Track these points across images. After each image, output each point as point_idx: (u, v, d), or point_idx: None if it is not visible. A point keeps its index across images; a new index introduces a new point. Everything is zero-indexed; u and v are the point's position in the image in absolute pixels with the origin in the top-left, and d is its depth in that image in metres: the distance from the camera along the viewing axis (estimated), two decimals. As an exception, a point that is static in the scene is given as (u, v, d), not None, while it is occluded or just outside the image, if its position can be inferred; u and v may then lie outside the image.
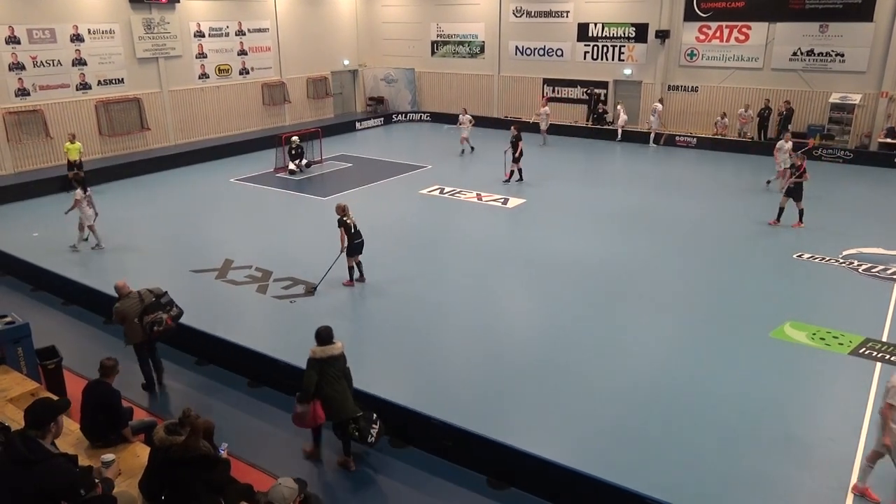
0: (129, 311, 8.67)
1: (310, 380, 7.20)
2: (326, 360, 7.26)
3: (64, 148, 19.26)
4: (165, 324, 8.80)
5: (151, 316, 8.70)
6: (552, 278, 12.90)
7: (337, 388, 7.30)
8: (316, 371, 7.22)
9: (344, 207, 12.10)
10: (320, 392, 7.26)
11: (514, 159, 19.71)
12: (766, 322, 10.90)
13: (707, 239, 15.11)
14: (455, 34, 31.34)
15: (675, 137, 25.42)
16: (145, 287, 8.99)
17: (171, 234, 15.83)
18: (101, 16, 22.62)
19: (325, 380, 7.25)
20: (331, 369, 7.28)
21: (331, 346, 7.31)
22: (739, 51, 24.81)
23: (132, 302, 8.72)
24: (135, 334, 8.76)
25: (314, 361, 7.25)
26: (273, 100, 28.96)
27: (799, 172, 15.37)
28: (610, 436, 8.07)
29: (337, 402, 7.28)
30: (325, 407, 7.31)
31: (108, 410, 6.61)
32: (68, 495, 4.72)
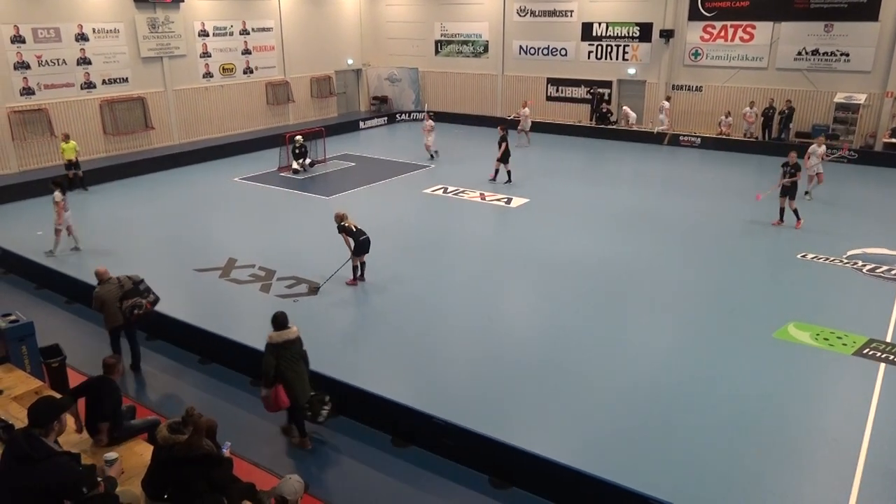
0: (108, 297, 9.05)
1: (269, 364, 7.49)
2: (283, 344, 7.56)
3: (60, 148, 19.29)
4: (145, 308, 9.26)
5: (131, 301, 9.12)
6: (555, 278, 12.90)
7: (296, 370, 7.65)
8: (274, 355, 7.52)
9: (342, 215, 12.18)
10: (281, 375, 7.56)
11: (498, 159, 19.62)
12: (770, 322, 10.88)
13: (710, 239, 15.09)
14: (459, 33, 31.33)
15: (679, 137, 25.37)
16: (125, 274, 9.42)
17: (175, 233, 15.86)
18: (106, 15, 22.68)
19: (283, 363, 7.55)
20: (288, 353, 7.60)
21: (287, 331, 7.63)
22: (744, 50, 24.76)
23: (111, 287, 9.12)
24: (114, 318, 9.11)
25: (272, 346, 7.56)
26: (277, 99, 28.99)
27: (793, 171, 15.37)
28: (611, 435, 8.07)
29: (297, 385, 7.64)
30: (286, 389, 7.59)
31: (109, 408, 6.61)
32: (71, 493, 4.74)
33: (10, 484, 4.69)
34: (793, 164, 15.50)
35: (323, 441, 8.09)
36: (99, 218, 17.23)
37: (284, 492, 4.92)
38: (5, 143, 20.71)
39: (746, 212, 16.77)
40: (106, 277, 9.26)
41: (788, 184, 15.47)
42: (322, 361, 9.14)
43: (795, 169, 15.45)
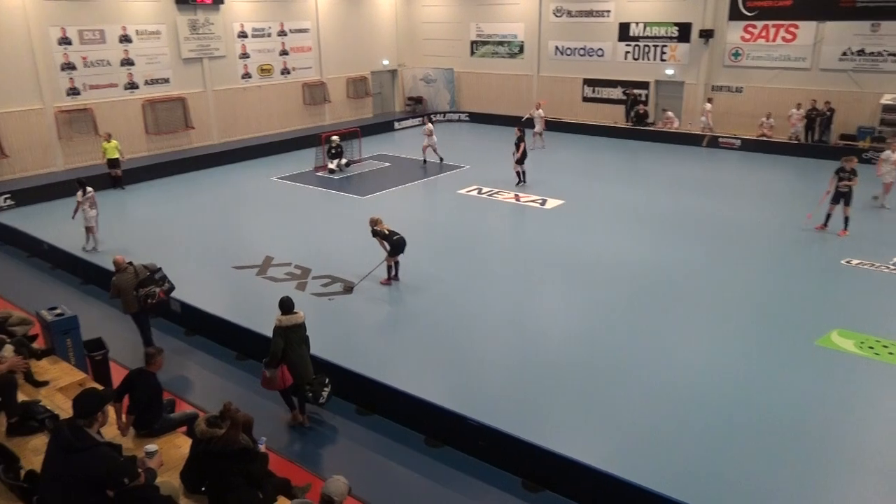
0: (124, 285, 9.56)
1: (277, 346, 7.93)
2: (291, 327, 8.01)
3: (101, 147, 19.73)
4: (158, 296, 9.67)
5: (145, 289, 9.56)
6: (590, 281, 12.78)
7: (300, 353, 8.11)
8: (282, 338, 7.94)
9: (374, 220, 12.30)
10: (286, 357, 8.02)
11: (517, 160, 19.42)
12: (812, 329, 10.62)
13: (750, 243, 14.79)
14: (494, 34, 31.27)
15: (718, 139, 24.92)
16: (141, 263, 9.90)
17: (214, 230, 16.14)
18: (149, 17, 23.19)
19: (289, 346, 7.99)
20: (294, 336, 8.05)
21: (294, 315, 8.10)
22: (786, 50, 24.21)
23: (128, 276, 9.60)
24: (130, 305, 9.66)
25: (280, 329, 7.97)
26: (313, 99, 29.30)
27: (849, 177, 14.86)
28: (648, 441, 7.97)
29: (300, 367, 8.09)
30: (290, 370, 8.08)
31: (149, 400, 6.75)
32: (112, 483, 4.85)
33: (56, 472, 4.83)
34: (850, 170, 14.92)
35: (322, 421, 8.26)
36: (141, 215, 17.64)
37: (331, 492, 4.96)
38: (52, 141, 21.32)
39: (788, 215, 16.40)
40: (123, 266, 9.71)
41: (845, 189, 14.87)
42: (356, 360, 9.25)
43: (853, 174, 14.88)
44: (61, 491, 4.74)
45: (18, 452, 5.79)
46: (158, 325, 11.09)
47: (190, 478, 5.88)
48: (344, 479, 5.13)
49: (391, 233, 12.25)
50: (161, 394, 6.92)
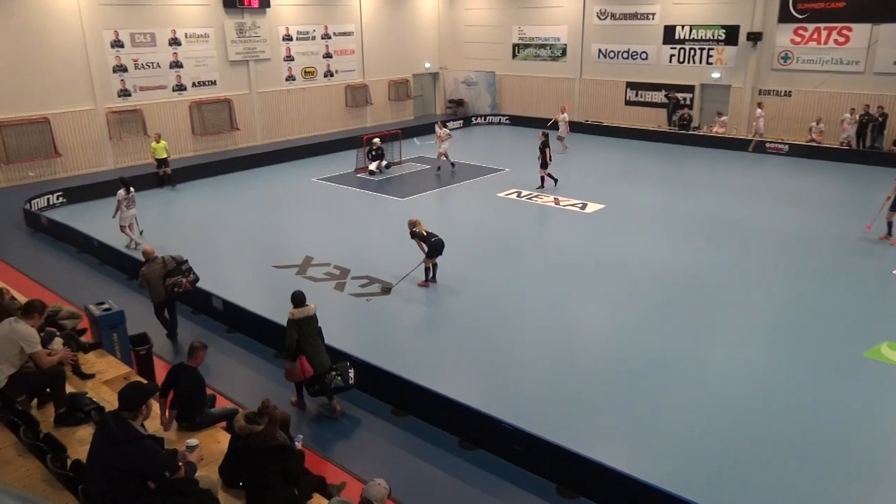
0: (153, 275, 10.08)
1: (291, 339, 8.20)
2: (303, 320, 8.26)
3: (150, 147, 20.22)
4: (184, 286, 10.27)
5: (173, 279, 10.13)
6: (631, 286, 12.61)
7: (314, 344, 8.32)
8: (296, 330, 8.19)
9: (413, 222, 12.36)
10: (301, 349, 8.24)
11: (542, 165, 19.25)
12: (861, 341, 10.28)
13: (798, 251, 14.40)
14: (537, 37, 31.13)
15: (765, 144, 24.33)
16: (169, 254, 10.44)
17: (256, 230, 16.42)
18: (198, 20, 23.75)
19: (303, 338, 8.23)
20: (307, 328, 8.28)
21: (305, 308, 8.33)
22: (838, 54, 23.52)
23: (157, 266, 10.13)
24: (158, 294, 10.19)
25: (293, 322, 8.22)
26: (356, 101, 29.60)
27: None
28: (688, 452, 7.81)
29: (315, 357, 8.29)
30: (308, 361, 8.27)
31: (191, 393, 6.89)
32: (154, 475, 4.96)
33: (100, 463, 4.96)
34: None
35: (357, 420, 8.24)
36: (186, 214, 18.05)
37: (372, 496, 5.00)
38: (103, 141, 22.00)
39: (837, 224, 15.92)
40: (152, 257, 10.22)
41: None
42: (392, 360, 9.29)
43: None
44: (105, 481, 4.87)
45: (65, 442, 5.96)
46: (201, 322, 11.35)
47: (228, 473, 5.98)
48: (384, 484, 5.15)
49: (429, 234, 12.28)
50: (203, 388, 7.05)
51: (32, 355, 6.64)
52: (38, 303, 6.94)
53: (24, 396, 6.86)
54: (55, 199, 18.57)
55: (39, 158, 20.63)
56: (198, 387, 6.95)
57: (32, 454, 5.87)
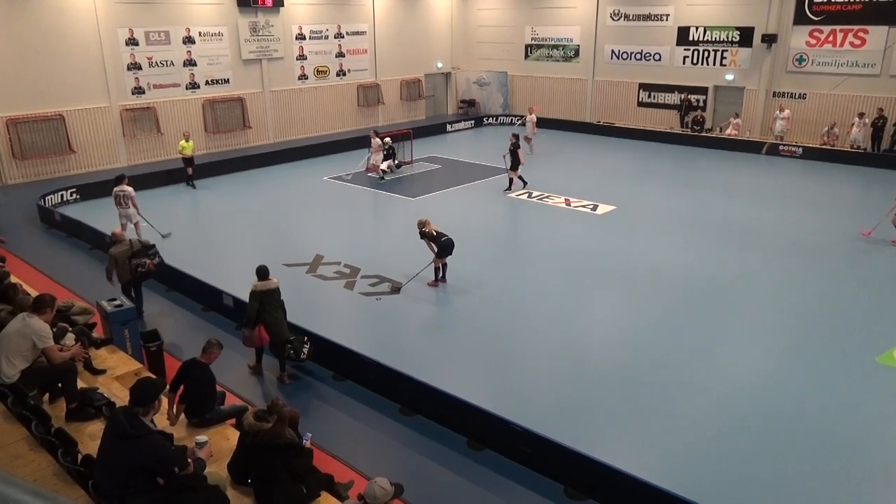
0: (120, 256, 10.73)
1: (252, 308, 8.92)
2: (265, 292, 8.94)
3: (179, 146, 20.29)
4: (148, 267, 10.88)
5: (137, 260, 10.75)
6: (642, 288, 12.56)
7: (274, 316, 9.01)
8: (257, 301, 8.90)
9: (423, 222, 12.37)
10: (261, 319, 8.95)
11: (512, 167, 19.13)
12: (874, 346, 10.19)
13: (810, 254, 14.29)
14: (550, 37, 31.07)
15: (778, 147, 24.16)
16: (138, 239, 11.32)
17: (267, 227, 16.49)
18: (212, 19, 23.87)
19: (264, 309, 8.92)
20: (269, 300, 8.96)
21: (268, 282, 9.01)
22: (854, 56, 23.32)
23: (124, 248, 10.80)
24: (124, 274, 10.79)
25: (255, 294, 8.93)
26: (367, 101, 29.65)
27: None
28: (696, 455, 7.77)
29: (274, 327, 8.98)
30: (267, 331, 8.99)
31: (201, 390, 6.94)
32: (163, 471, 4.99)
33: (110, 458, 4.99)
34: None
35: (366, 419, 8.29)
36: (197, 211, 18.15)
37: (366, 495, 5.02)
38: (117, 138, 22.16)
39: (850, 227, 15.78)
40: (121, 239, 10.95)
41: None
42: (401, 359, 9.29)
43: None
44: (114, 476, 4.91)
45: (76, 437, 6.00)
46: (211, 319, 11.40)
47: (237, 469, 6.01)
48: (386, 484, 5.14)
49: (439, 234, 12.28)
50: (213, 384, 7.09)
51: (45, 350, 6.70)
52: (49, 297, 7.00)
53: (36, 391, 6.92)
54: (69, 196, 18.73)
55: (54, 155, 20.81)
56: (208, 383, 6.98)
57: (44, 448, 5.91)
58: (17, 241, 14.95)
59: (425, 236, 12.29)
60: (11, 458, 5.83)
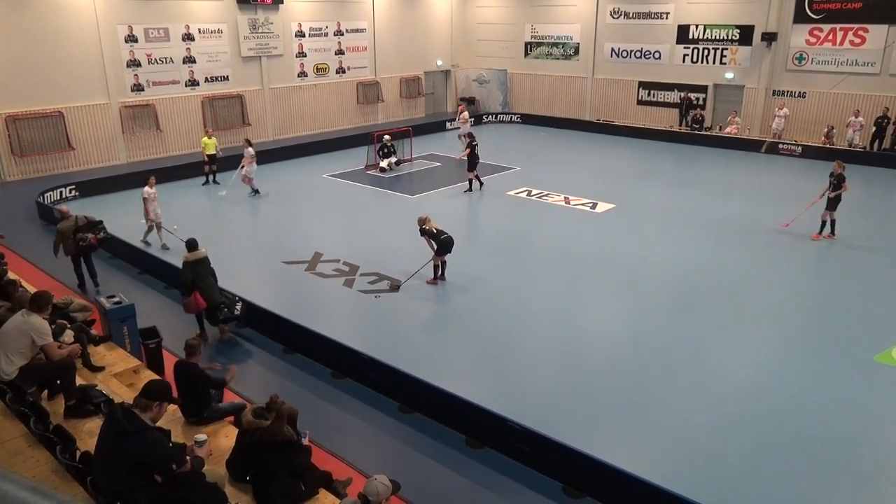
0: (66, 230, 11.80)
1: (186, 277, 9.97)
2: (196, 262, 9.99)
3: (201, 143, 20.17)
4: (89, 241, 11.92)
5: (81, 235, 11.83)
6: (640, 287, 12.56)
7: (207, 282, 10.05)
8: (190, 271, 9.92)
9: (423, 219, 12.36)
10: (195, 286, 9.91)
11: (469, 168, 19.04)
12: (872, 344, 10.20)
13: (807, 253, 14.31)
14: (549, 35, 31.04)
15: (778, 145, 24.15)
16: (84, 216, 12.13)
17: (266, 225, 16.49)
18: (211, 16, 23.84)
19: (197, 276, 9.95)
20: (200, 269, 9.99)
21: (197, 252, 10.05)
22: (854, 55, 23.31)
23: (69, 223, 11.88)
24: (69, 247, 11.93)
25: (187, 264, 9.97)
26: (367, 98, 29.63)
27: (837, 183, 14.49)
28: (695, 453, 7.78)
29: (207, 291, 10.02)
30: (202, 296, 9.94)
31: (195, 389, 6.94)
32: (160, 468, 4.99)
33: (108, 455, 4.99)
34: (837, 175, 14.56)
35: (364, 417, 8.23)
36: (197, 209, 18.11)
37: (367, 492, 5.02)
38: (116, 136, 22.14)
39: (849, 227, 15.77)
40: (68, 216, 12.02)
41: (832, 196, 14.53)
42: (400, 357, 9.31)
43: (840, 181, 14.50)
44: (112, 473, 4.90)
45: (75, 434, 6.00)
46: (210, 317, 11.39)
47: (235, 467, 6.01)
48: (386, 481, 5.14)
49: (439, 232, 12.28)
50: (207, 382, 7.07)
51: (43, 347, 6.70)
52: (47, 294, 7.00)
53: (34, 388, 6.92)
54: (68, 193, 18.70)
55: (53, 152, 20.78)
56: (198, 383, 6.97)
57: (42, 445, 5.91)
58: (16, 238, 14.92)
59: (425, 234, 12.28)
60: (10, 455, 5.83)
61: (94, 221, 12.17)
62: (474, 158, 18.97)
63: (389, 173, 21.62)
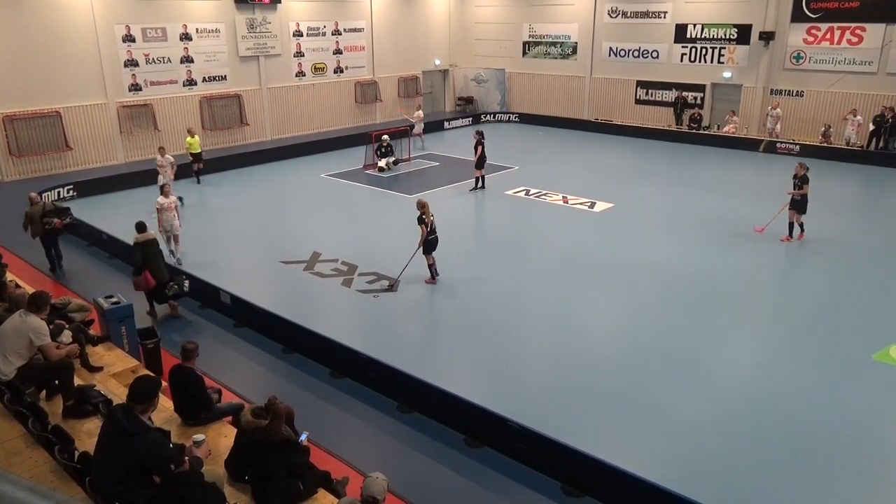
0: (34, 214, 12.86)
1: (137, 257, 10.79)
2: (145, 243, 10.79)
3: (186, 143, 20.18)
4: (55, 225, 12.97)
5: (47, 219, 12.86)
6: (638, 286, 12.57)
7: (155, 263, 10.84)
8: (140, 251, 10.73)
9: (423, 204, 12.31)
10: (146, 266, 10.69)
11: (476, 165, 19.07)
12: (870, 343, 10.21)
13: (805, 251, 14.32)
14: (547, 35, 31.04)
15: (776, 144, 24.18)
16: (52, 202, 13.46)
17: (264, 225, 16.46)
18: (209, 16, 23.80)
19: (146, 257, 10.72)
20: (149, 249, 10.81)
21: (146, 234, 10.89)
22: (851, 54, 23.33)
23: (37, 208, 12.96)
24: (36, 230, 12.96)
25: (137, 245, 10.79)
26: (365, 98, 29.61)
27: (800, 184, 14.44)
28: (693, 452, 7.79)
29: (156, 270, 10.83)
30: (151, 275, 10.71)
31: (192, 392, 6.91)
32: (159, 469, 4.99)
33: (108, 455, 4.98)
34: (800, 177, 14.51)
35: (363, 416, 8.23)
36: (195, 209, 18.09)
37: (374, 492, 5.00)
38: (114, 135, 22.10)
39: (846, 225, 15.81)
40: (36, 201, 13.14)
41: (798, 197, 14.48)
42: (399, 357, 9.31)
43: (803, 182, 14.44)
44: (112, 473, 4.90)
45: (73, 434, 6.00)
46: (208, 316, 11.39)
47: (234, 466, 6.01)
48: (383, 477, 5.16)
49: (432, 229, 12.27)
50: (203, 385, 7.03)
51: (41, 348, 6.69)
52: (45, 294, 6.99)
53: (32, 388, 6.91)
54: (65, 193, 18.67)
55: (51, 152, 20.74)
56: (195, 386, 6.93)
57: (40, 446, 5.90)
58: (13, 238, 14.90)
59: (422, 223, 12.25)
60: (8, 456, 5.82)
61: (62, 208, 13.47)
62: (483, 157, 18.96)
63: (388, 173, 21.63)
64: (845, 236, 15.14)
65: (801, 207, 14.59)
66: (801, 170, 14.63)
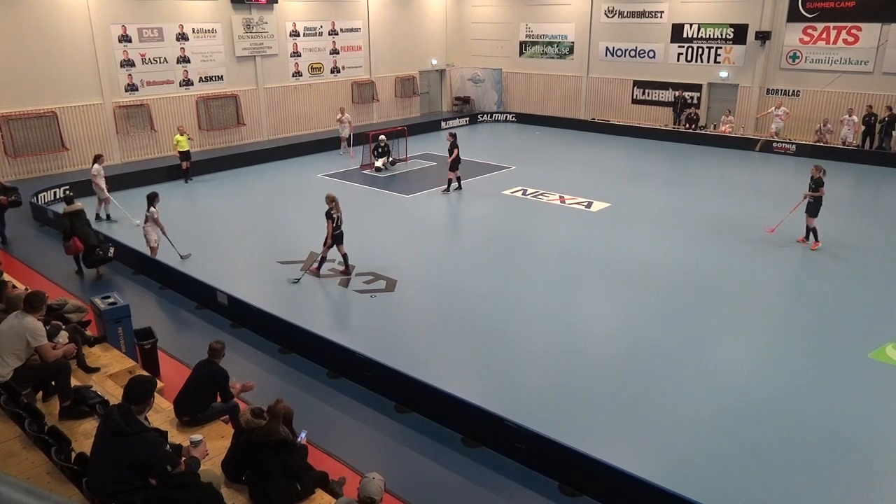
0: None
1: (64, 225, 12.39)
2: (73, 213, 12.33)
3: (174, 140, 20.19)
4: (1, 201, 14.45)
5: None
6: (635, 285, 12.59)
7: (84, 231, 12.41)
8: (68, 220, 12.25)
9: (334, 199, 12.69)
10: (73, 233, 12.21)
11: (450, 167, 19.02)
12: (866, 342, 10.25)
13: (801, 250, 14.35)
14: (544, 34, 31.06)
15: (772, 143, 24.23)
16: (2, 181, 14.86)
17: (261, 225, 16.45)
18: (205, 16, 23.77)
19: (75, 225, 12.20)
20: (77, 219, 12.34)
21: (74, 205, 12.48)
22: (847, 53, 23.40)
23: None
24: None
25: (66, 214, 12.36)
26: (362, 98, 29.60)
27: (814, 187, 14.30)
28: (690, 451, 7.81)
29: (84, 238, 12.33)
30: (80, 241, 12.22)
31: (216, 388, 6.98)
32: (155, 469, 4.98)
33: (104, 456, 4.98)
34: (815, 180, 14.33)
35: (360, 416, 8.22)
36: (191, 209, 18.08)
37: (371, 492, 5.00)
38: (110, 136, 22.06)
39: (843, 224, 15.85)
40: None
41: (812, 199, 14.33)
42: (396, 357, 9.31)
43: (817, 185, 14.27)
44: (108, 474, 4.89)
45: (70, 435, 5.99)
46: (205, 317, 11.37)
47: (231, 467, 6.00)
48: (380, 476, 5.16)
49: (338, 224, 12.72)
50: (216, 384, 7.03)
51: (38, 349, 6.68)
52: (42, 295, 6.98)
53: (29, 389, 6.90)
54: (62, 194, 18.60)
55: (47, 152, 20.70)
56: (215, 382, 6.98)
57: (37, 447, 5.90)
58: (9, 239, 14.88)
59: (330, 217, 12.51)
60: (5, 457, 5.81)
61: (10, 187, 15.12)
62: (457, 159, 18.91)
63: (385, 173, 21.62)
64: (842, 236, 15.17)
65: (813, 211, 14.36)
66: (816, 172, 14.36)
